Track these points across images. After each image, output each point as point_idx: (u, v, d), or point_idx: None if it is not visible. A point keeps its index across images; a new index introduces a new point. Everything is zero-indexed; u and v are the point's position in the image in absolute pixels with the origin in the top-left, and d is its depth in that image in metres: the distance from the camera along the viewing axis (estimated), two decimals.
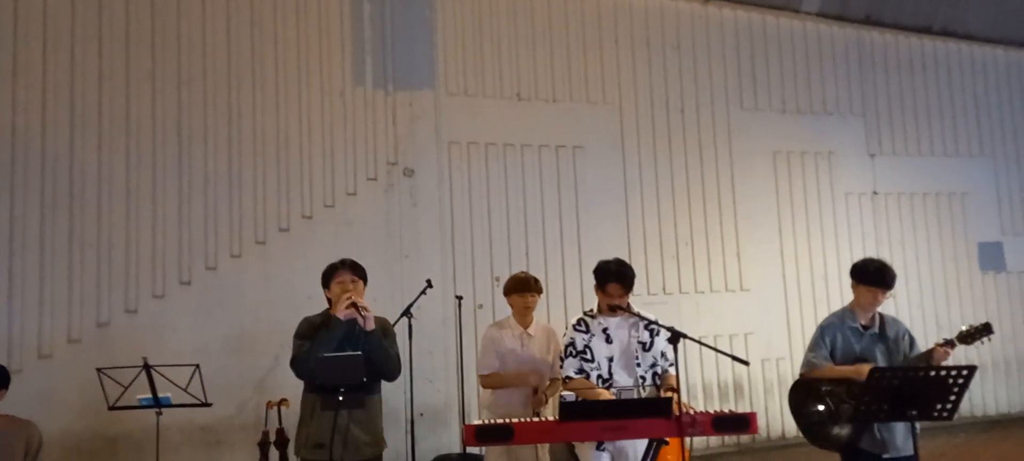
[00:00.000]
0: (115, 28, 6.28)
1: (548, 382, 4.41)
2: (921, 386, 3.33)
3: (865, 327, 3.99)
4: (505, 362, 4.43)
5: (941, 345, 3.85)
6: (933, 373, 3.34)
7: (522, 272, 4.68)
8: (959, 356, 4.37)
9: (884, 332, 4.00)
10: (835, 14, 8.57)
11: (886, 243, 8.46)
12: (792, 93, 8.37)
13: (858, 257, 7.91)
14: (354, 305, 3.53)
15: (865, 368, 3.63)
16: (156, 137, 6.28)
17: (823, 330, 4.03)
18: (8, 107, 5.97)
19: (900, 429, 3.80)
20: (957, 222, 8.80)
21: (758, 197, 8.06)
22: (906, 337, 4.03)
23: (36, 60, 6.07)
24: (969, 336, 3.90)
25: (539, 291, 4.49)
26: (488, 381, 4.49)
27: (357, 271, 3.80)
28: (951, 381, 3.32)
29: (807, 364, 4.01)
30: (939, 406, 3.37)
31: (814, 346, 4.00)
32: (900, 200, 8.65)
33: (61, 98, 6.09)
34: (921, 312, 8.40)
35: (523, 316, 4.47)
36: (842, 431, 3.82)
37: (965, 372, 3.30)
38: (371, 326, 3.56)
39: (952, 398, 3.35)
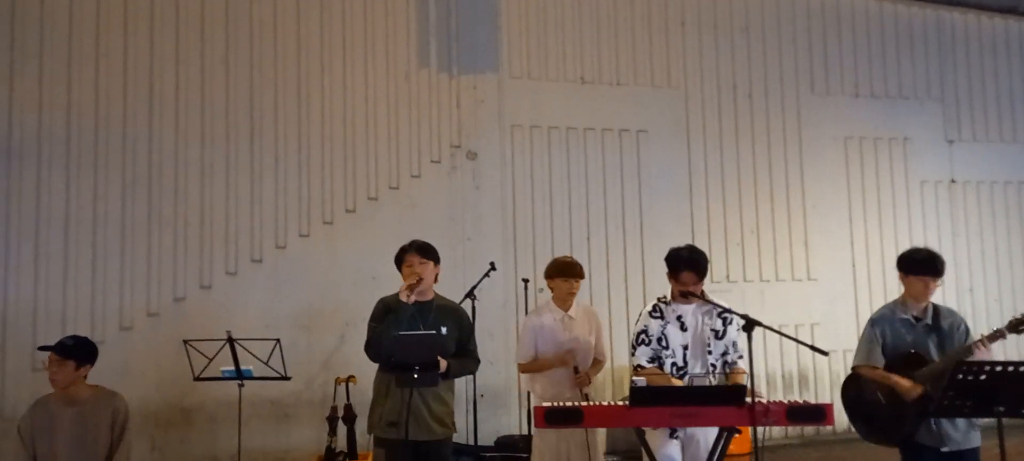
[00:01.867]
0: (191, 13, 6.47)
1: (590, 363, 4.36)
2: (1009, 381, 3.19)
3: (917, 318, 3.82)
4: (547, 346, 4.36)
5: (989, 335, 3.64)
6: (1023, 368, 3.20)
7: (566, 256, 4.60)
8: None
9: (938, 323, 3.82)
10: None
11: (963, 234, 8.14)
12: (866, 77, 8.09)
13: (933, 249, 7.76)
14: (409, 288, 3.59)
15: (915, 390, 3.52)
16: (229, 119, 6.47)
17: (874, 323, 3.87)
18: (91, 90, 6.22)
19: (961, 422, 3.66)
20: None
21: (828, 185, 7.84)
22: (962, 327, 3.84)
23: (117, 45, 6.31)
24: (1019, 324, 3.64)
25: (582, 276, 4.40)
26: (526, 368, 4.40)
27: (425, 253, 3.81)
28: None
29: (861, 360, 3.86)
30: None
31: (867, 342, 3.84)
32: (979, 189, 8.29)
33: (140, 81, 6.32)
34: (999, 305, 8.05)
35: (564, 300, 4.39)
36: (899, 425, 3.69)
37: None
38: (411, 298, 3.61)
39: None
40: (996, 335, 3.64)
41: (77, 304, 6.02)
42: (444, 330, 3.66)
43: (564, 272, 4.37)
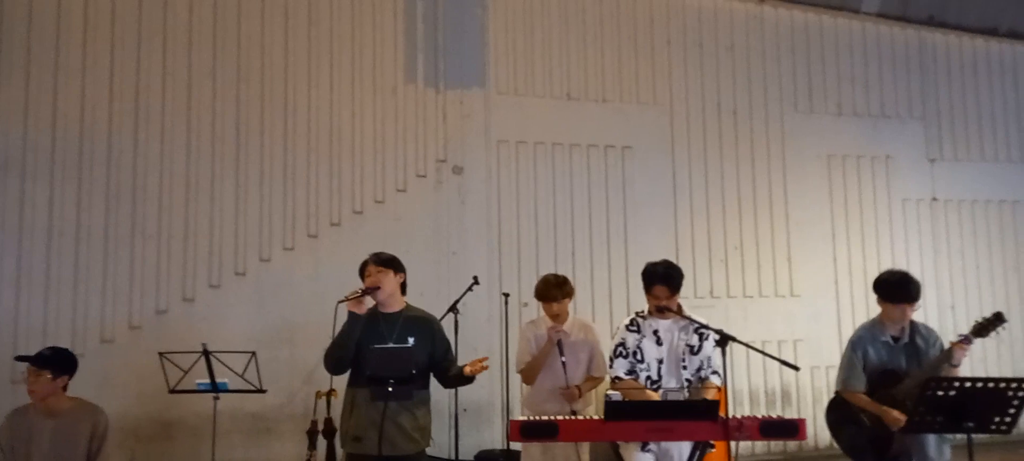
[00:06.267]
0: (178, 27, 6.49)
1: (581, 376, 4.35)
2: (979, 398, 3.24)
3: (896, 338, 3.90)
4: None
5: (957, 342, 3.75)
6: (992, 385, 3.25)
7: (552, 275, 4.55)
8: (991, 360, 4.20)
9: (914, 342, 3.91)
10: (896, 15, 8.34)
11: (945, 252, 8.21)
12: (849, 95, 8.17)
13: (915, 267, 7.84)
14: (359, 295, 3.57)
15: (897, 416, 3.59)
16: (215, 132, 6.48)
17: (854, 345, 3.95)
18: (77, 102, 6.23)
19: (931, 440, 3.72)
20: (1020, 232, 8.48)
21: (811, 202, 7.90)
22: (937, 345, 3.94)
23: (103, 57, 6.32)
24: (983, 328, 3.79)
25: (567, 295, 4.38)
26: (527, 372, 4.40)
27: (383, 262, 3.78)
28: (1011, 394, 3.22)
29: (843, 384, 3.94)
30: (997, 419, 3.28)
31: (848, 365, 3.93)
32: (961, 207, 8.37)
33: (126, 94, 6.33)
34: None
35: (556, 319, 4.41)
36: (883, 446, 3.75)
37: None
38: (364, 309, 3.55)
39: (1011, 411, 3.25)
40: (963, 341, 3.73)
41: (58, 316, 5.99)
42: (411, 341, 3.62)
43: (543, 296, 4.39)
